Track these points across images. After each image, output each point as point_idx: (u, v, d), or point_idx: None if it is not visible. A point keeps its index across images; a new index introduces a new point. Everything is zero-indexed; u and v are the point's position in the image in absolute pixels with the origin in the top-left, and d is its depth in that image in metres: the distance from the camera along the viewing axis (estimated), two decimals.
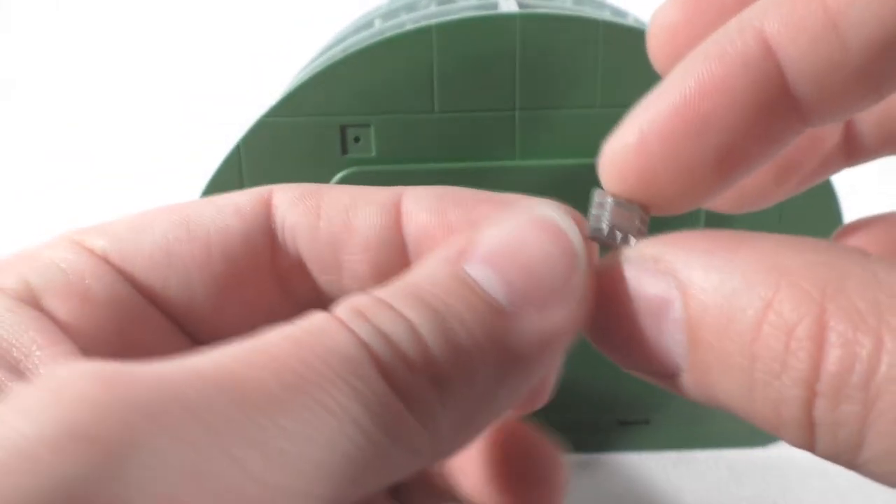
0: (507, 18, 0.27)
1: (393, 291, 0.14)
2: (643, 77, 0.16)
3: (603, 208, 0.15)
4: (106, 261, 0.17)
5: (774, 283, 0.12)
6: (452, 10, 0.33)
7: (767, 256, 0.13)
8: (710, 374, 0.13)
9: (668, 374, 0.14)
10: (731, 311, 0.13)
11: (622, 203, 0.15)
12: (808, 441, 0.12)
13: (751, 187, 0.20)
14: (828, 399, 0.12)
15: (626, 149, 0.15)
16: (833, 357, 0.12)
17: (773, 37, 0.14)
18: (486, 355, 0.14)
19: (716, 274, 0.13)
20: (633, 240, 0.15)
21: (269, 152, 0.27)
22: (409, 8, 0.36)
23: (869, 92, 0.14)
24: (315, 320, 0.13)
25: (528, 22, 0.27)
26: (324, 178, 0.28)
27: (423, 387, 0.13)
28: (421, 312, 0.14)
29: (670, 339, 0.14)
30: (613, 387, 0.32)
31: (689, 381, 0.14)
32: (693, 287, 0.13)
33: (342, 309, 0.14)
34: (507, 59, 0.27)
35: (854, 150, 0.20)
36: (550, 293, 0.14)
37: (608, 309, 0.15)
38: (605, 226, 0.15)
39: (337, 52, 0.32)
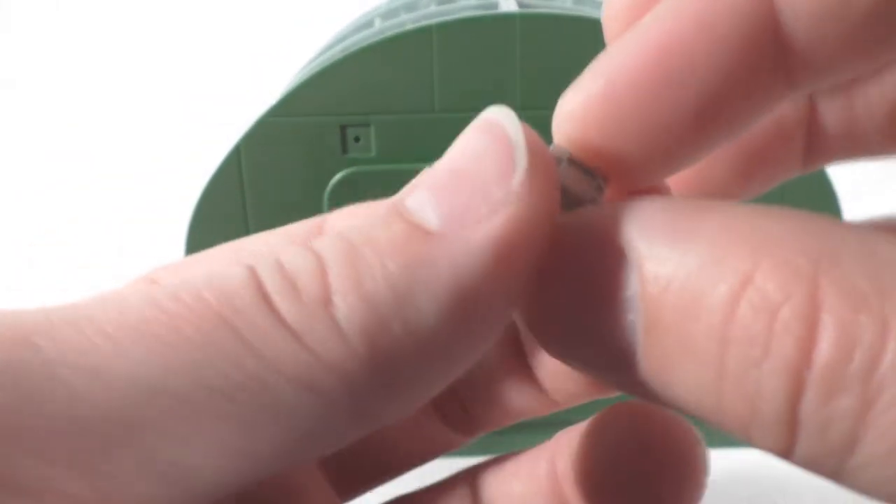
0: (507, 18, 0.27)
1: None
2: None
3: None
4: None
5: (754, 254, 0.10)
6: (452, 10, 0.33)
7: (744, 224, 0.11)
8: (668, 364, 0.11)
9: (618, 366, 0.12)
10: (699, 287, 0.11)
11: (577, 164, 0.13)
12: (786, 443, 0.10)
13: (714, 183, 0.18)
14: (819, 391, 0.10)
15: (590, 99, 0.12)
16: (828, 342, 0.10)
17: None
18: (409, 285, 0.11)
19: (680, 244, 0.11)
20: (589, 200, 0.13)
21: (269, 152, 0.27)
22: (409, 8, 0.36)
23: (866, 51, 0.12)
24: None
25: (528, 22, 0.27)
26: (324, 178, 0.28)
27: (315, 318, 0.11)
28: (332, 244, 0.12)
29: (622, 320, 0.11)
30: None
31: (643, 373, 0.11)
32: (651, 259, 0.11)
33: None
34: (507, 59, 0.27)
35: (814, 150, 0.18)
36: (484, 198, 0.12)
37: (550, 283, 0.12)
38: None
39: (337, 52, 0.32)
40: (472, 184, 0.12)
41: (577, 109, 0.13)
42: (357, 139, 0.28)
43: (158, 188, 0.49)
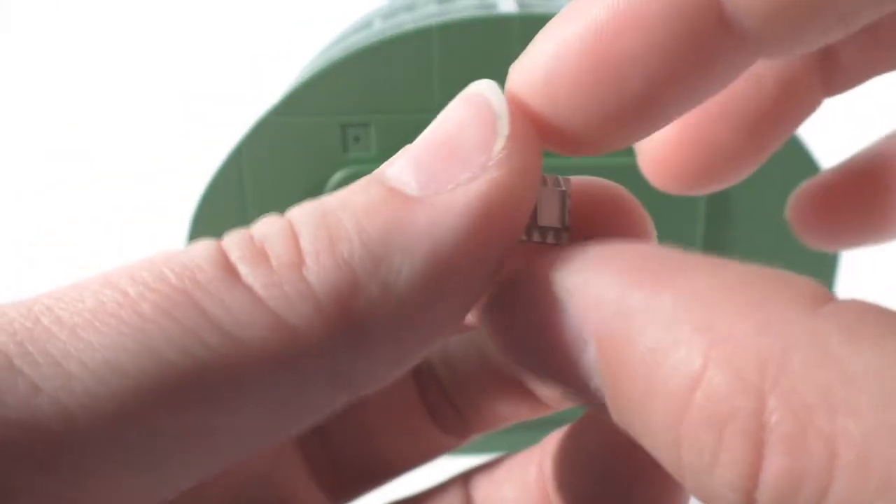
0: (507, 19, 0.27)
1: None
2: None
3: None
4: None
5: (705, 349, 0.10)
6: (452, 10, 0.33)
7: (700, 303, 0.10)
8: (633, 431, 0.11)
9: (578, 395, 0.12)
10: (652, 376, 0.10)
11: (563, 199, 0.13)
12: None
13: (722, 147, 0.17)
14: None
15: (532, 90, 0.12)
16: (774, 468, 0.09)
17: None
18: (386, 247, 0.11)
19: (636, 320, 0.10)
20: (550, 238, 0.13)
21: (270, 151, 0.27)
22: (409, 8, 0.36)
23: (831, 25, 0.11)
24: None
25: (528, 22, 0.27)
26: (324, 177, 0.28)
27: (286, 283, 0.11)
28: (305, 210, 0.12)
29: (587, 378, 0.11)
30: None
31: (613, 419, 0.11)
32: (605, 335, 0.11)
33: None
34: (507, 60, 0.27)
35: (834, 78, 0.17)
36: (465, 165, 0.12)
37: (504, 310, 0.12)
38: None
39: (337, 52, 0.32)
40: (454, 151, 0.12)
41: (522, 89, 0.12)
42: (357, 139, 0.28)
43: (158, 188, 0.49)
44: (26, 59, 0.63)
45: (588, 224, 0.14)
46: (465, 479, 0.19)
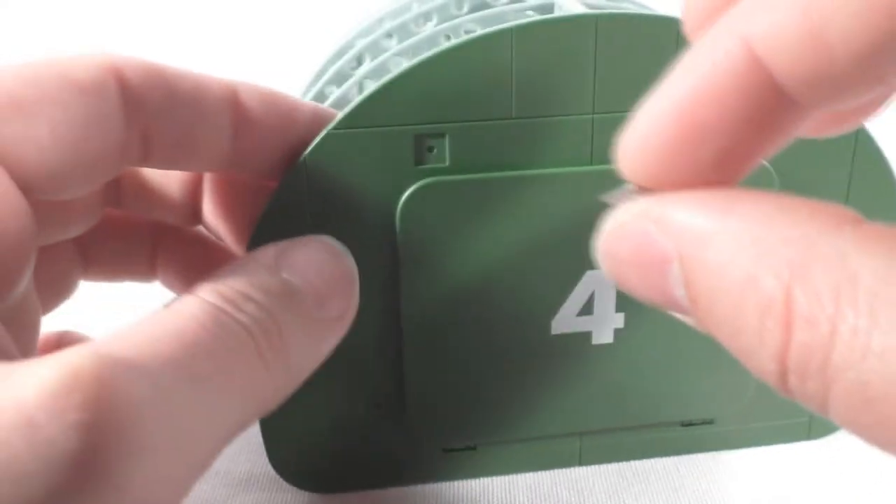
0: (585, 19, 0.26)
1: (239, 290, 0.21)
2: None
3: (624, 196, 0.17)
4: None
5: (755, 257, 0.13)
6: (489, 17, 0.32)
7: (754, 225, 0.14)
8: (711, 329, 0.15)
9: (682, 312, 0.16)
10: (720, 282, 0.14)
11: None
12: (787, 394, 0.14)
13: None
14: (796, 376, 0.13)
15: (633, 155, 0.16)
16: (797, 341, 0.13)
17: (758, 46, 0.14)
18: (298, 336, 0.22)
19: (708, 241, 0.14)
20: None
21: (336, 165, 0.26)
22: (441, 10, 0.35)
23: (869, 87, 0.14)
24: (200, 311, 0.20)
25: (604, 22, 0.26)
26: (395, 192, 0.27)
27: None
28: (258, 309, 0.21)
29: (675, 290, 0.15)
30: (676, 387, 0.31)
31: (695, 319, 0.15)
32: (686, 252, 0.15)
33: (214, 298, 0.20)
34: (583, 62, 0.26)
35: None
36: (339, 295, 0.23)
37: (621, 258, 0.16)
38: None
39: (394, 54, 0.31)
40: (333, 287, 0.24)
41: (626, 160, 0.16)
42: (431, 149, 0.26)
43: None
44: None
45: None
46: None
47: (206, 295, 0.20)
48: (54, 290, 0.28)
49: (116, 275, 0.30)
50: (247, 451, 0.34)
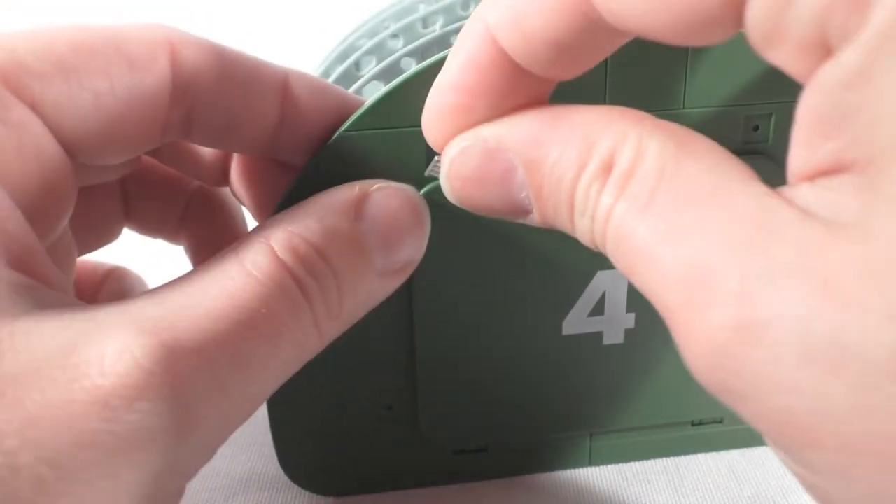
0: None
1: (311, 235, 0.21)
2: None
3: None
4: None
5: (586, 145, 0.18)
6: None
7: (579, 125, 0.19)
8: (549, 217, 0.20)
9: (526, 215, 0.20)
10: (555, 171, 0.19)
11: None
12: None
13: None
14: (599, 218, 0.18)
15: (430, 125, 0.21)
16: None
17: (493, 29, 0.19)
18: (360, 284, 0.22)
19: (544, 146, 0.19)
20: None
21: (349, 166, 0.26)
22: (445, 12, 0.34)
23: (561, 63, 0.19)
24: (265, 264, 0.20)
25: None
26: None
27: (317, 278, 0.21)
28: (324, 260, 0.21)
29: (519, 193, 0.20)
30: (686, 387, 0.32)
31: (538, 220, 0.20)
32: (529, 156, 0.19)
33: (281, 250, 0.21)
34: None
35: None
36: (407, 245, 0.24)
37: (465, 175, 0.20)
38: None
39: (402, 54, 0.31)
40: (403, 236, 0.24)
41: (427, 131, 0.22)
42: None
43: None
44: None
45: None
46: None
47: (279, 248, 0.20)
48: (96, 232, 0.29)
49: (150, 228, 0.31)
50: (247, 451, 0.34)
